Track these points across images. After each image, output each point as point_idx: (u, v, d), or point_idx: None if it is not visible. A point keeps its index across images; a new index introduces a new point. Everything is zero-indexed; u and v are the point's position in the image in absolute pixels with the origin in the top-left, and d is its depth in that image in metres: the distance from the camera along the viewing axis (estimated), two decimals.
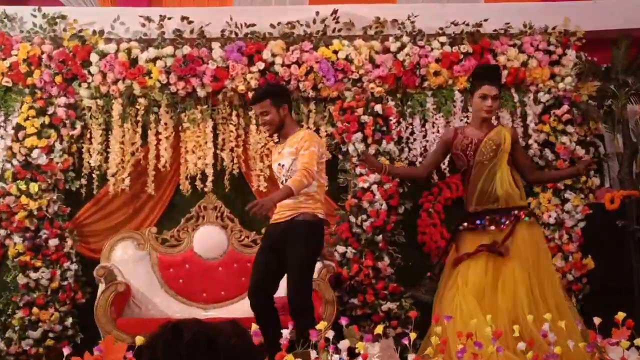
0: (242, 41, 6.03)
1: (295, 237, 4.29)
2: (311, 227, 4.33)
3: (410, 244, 6.10)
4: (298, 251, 4.27)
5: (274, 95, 4.47)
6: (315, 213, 4.35)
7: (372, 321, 5.75)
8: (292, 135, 4.43)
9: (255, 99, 4.55)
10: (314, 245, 4.40)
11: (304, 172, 4.22)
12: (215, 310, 5.88)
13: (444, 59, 6.11)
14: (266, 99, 4.42)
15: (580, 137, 6.14)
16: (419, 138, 6.11)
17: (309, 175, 4.22)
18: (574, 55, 6.22)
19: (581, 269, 5.93)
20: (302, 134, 4.41)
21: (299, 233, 4.29)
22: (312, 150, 4.29)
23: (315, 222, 4.35)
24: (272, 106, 4.40)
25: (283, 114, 4.42)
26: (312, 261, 4.39)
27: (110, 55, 5.92)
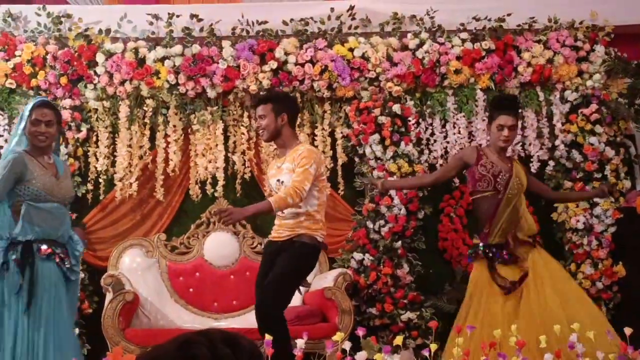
0: (254, 39, 6.06)
1: (286, 253, 4.37)
2: (306, 248, 4.39)
3: (431, 251, 6.12)
4: (283, 265, 4.34)
5: (275, 101, 4.50)
6: (314, 236, 4.39)
7: (391, 332, 5.77)
8: (292, 150, 4.45)
9: (258, 101, 4.61)
10: (302, 265, 4.45)
11: (291, 190, 4.23)
12: (227, 320, 5.92)
13: (465, 56, 6.11)
14: (267, 103, 4.47)
15: (610, 137, 6.13)
16: (439, 139, 6.12)
17: (296, 195, 4.23)
18: (602, 51, 6.20)
19: (611, 277, 5.92)
20: (302, 151, 4.41)
21: (291, 250, 4.36)
22: (306, 169, 4.29)
23: (311, 244, 4.41)
24: (272, 112, 4.43)
25: (280, 123, 4.44)
26: (293, 278, 4.41)
27: (117, 55, 5.95)
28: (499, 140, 4.65)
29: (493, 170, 4.62)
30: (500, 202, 4.57)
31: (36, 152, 4.10)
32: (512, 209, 4.58)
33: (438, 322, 4.34)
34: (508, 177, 4.61)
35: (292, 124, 4.53)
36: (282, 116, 4.44)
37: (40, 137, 4.06)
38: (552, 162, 6.14)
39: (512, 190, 4.59)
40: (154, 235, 6.02)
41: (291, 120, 4.51)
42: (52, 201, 4.06)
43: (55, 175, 4.11)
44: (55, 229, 4.07)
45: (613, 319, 5.74)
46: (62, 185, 4.13)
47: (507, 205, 4.57)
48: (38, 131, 4.05)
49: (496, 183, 4.60)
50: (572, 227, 6.02)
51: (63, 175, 4.17)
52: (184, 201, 6.18)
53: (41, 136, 4.06)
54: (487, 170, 4.63)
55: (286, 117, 4.45)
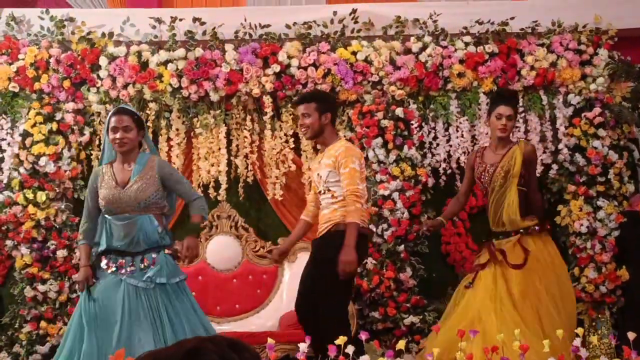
0: (257, 43, 6.10)
1: (329, 248, 4.47)
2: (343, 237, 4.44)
3: (434, 254, 6.18)
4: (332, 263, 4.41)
5: (320, 100, 4.68)
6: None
7: (394, 336, 5.84)
8: (331, 145, 4.61)
9: (301, 99, 4.76)
10: None
11: (352, 197, 4.42)
12: (230, 324, 5.99)
13: (469, 59, 6.15)
14: (313, 101, 4.64)
15: (613, 141, 6.17)
16: (442, 143, 6.18)
17: (358, 198, 4.42)
18: (606, 54, 6.23)
19: (615, 281, 5.99)
20: (340, 147, 4.56)
21: (333, 244, 4.45)
22: (352, 168, 4.46)
23: None
24: (316, 111, 4.60)
25: (324, 122, 4.62)
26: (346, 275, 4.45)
27: (120, 58, 6.00)
28: (497, 129, 4.93)
29: (477, 172, 5.04)
30: (487, 196, 4.99)
31: (121, 160, 4.24)
32: (497, 199, 4.91)
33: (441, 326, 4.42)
34: (493, 170, 4.93)
35: (333, 123, 4.75)
36: (325, 115, 4.63)
37: (119, 143, 4.18)
38: (555, 165, 6.19)
39: (495, 182, 4.92)
40: None
41: (333, 119, 4.73)
42: (117, 213, 4.16)
43: (123, 185, 4.18)
44: (120, 240, 4.15)
45: (616, 323, 5.90)
46: (127, 193, 4.16)
47: (491, 196, 4.95)
48: (116, 138, 4.18)
49: (482, 183, 5.01)
50: (575, 231, 6.07)
51: (135, 180, 4.17)
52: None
53: (119, 142, 4.17)
54: (475, 173, 5.06)
55: (330, 116, 4.65)
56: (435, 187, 6.22)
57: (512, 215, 4.90)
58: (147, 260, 4.15)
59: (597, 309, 6.03)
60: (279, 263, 4.82)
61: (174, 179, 4.30)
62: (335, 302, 4.45)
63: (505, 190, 4.89)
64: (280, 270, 6.23)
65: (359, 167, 4.51)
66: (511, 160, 4.89)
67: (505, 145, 5.00)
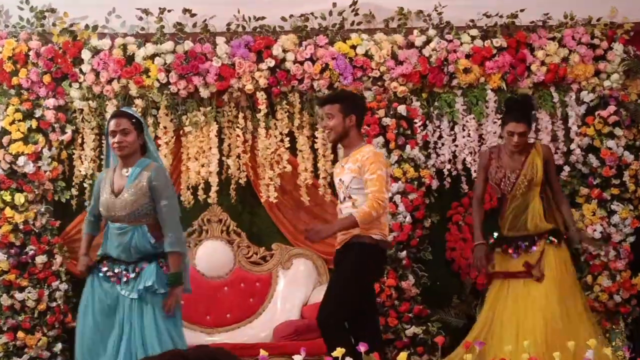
0: (250, 36, 6.07)
1: (345, 259, 4.52)
2: (363, 249, 4.48)
3: (438, 261, 6.14)
4: (341, 273, 4.53)
5: (345, 101, 4.65)
6: (370, 235, 4.47)
7: (395, 347, 5.77)
8: (356, 150, 4.58)
9: (325, 100, 4.78)
10: (361, 269, 4.50)
11: (373, 203, 4.38)
12: (221, 335, 5.96)
13: (475, 54, 6.13)
14: (337, 102, 4.61)
15: (629, 141, 6.12)
16: (448, 143, 6.14)
17: (379, 207, 4.38)
18: (621, 49, 6.19)
19: (630, 289, 5.93)
20: (367, 152, 4.52)
21: (349, 255, 4.50)
22: (379, 175, 4.44)
23: (368, 244, 4.48)
24: (340, 112, 4.57)
25: (349, 124, 4.58)
26: (352, 286, 4.49)
27: (104, 52, 5.96)
28: (510, 145, 5.00)
29: (496, 177, 5.03)
30: (507, 202, 5.02)
31: (121, 164, 4.30)
32: (517, 205, 4.99)
33: (445, 338, 4.35)
34: (515, 178, 4.98)
35: (359, 126, 4.68)
36: (350, 117, 4.58)
37: (117, 147, 4.24)
38: (567, 167, 6.14)
39: (518, 190, 4.98)
40: None
41: (359, 121, 4.67)
42: (113, 220, 4.26)
43: (118, 192, 4.24)
44: (114, 249, 4.26)
45: (632, 334, 5.89)
46: (119, 201, 4.22)
47: (512, 203, 5.00)
48: (114, 142, 4.24)
49: (501, 190, 5.03)
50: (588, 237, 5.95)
51: (127, 189, 4.22)
52: None
53: (117, 146, 4.24)
54: (492, 177, 5.06)
55: (355, 119, 4.60)
56: (440, 190, 6.16)
57: (538, 221, 4.99)
58: (138, 268, 4.23)
59: (611, 319, 5.98)
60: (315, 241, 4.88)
61: (158, 196, 4.21)
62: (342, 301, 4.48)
63: (527, 198, 4.98)
64: (274, 277, 6.21)
65: (385, 174, 4.50)
66: (533, 168, 4.97)
67: (521, 151, 5.03)
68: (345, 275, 4.50)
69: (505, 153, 5.07)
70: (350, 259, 4.48)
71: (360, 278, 4.51)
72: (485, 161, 5.14)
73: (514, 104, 5.27)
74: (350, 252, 4.49)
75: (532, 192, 4.97)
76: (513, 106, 5.16)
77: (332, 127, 4.60)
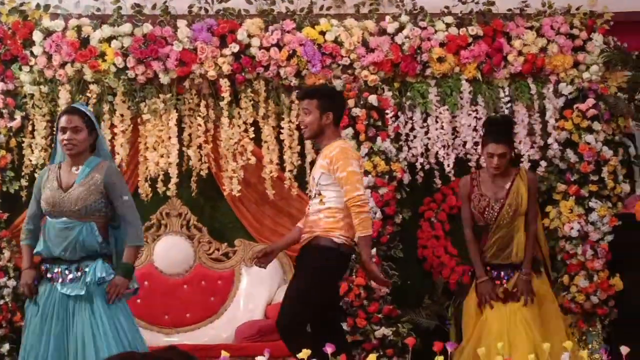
0: (213, 19, 6.04)
1: (304, 262, 4.54)
2: (323, 252, 4.47)
3: (409, 260, 6.13)
4: (301, 275, 4.55)
5: (323, 97, 4.63)
6: (331, 237, 4.46)
7: (364, 349, 5.76)
8: (328, 146, 4.56)
9: (303, 94, 4.77)
10: (323, 272, 4.51)
11: (355, 208, 4.38)
12: (180, 335, 5.97)
13: (450, 42, 6.13)
14: (314, 98, 4.60)
15: (608, 136, 6.15)
16: (420, 135, 6.13)
17: (359, 207, 4.38)
18: (601, 40, 6.22)
19: (608, 290, 5.94)
20: (334, 148, 4.50)
21: (308, 259, 4.52)
22: (349, 172, 4.42)
23: (329, 248, 4.46)
24: (317, 109, 4.57)
25: (325, 122, 4.57)
26: (309, 291, 4.48)
27: (57, 33, 5.90)
28: (490, 167, 4.99)
29: (479, 206, 4.99)
30: (490, 232, 5.00)
31: (69, 162, 4.29)
32: (502, 236, 4.98)
33: (416, 339, 4.30)
34: (499, 208, 4.95)
35: (336, 124, 4.68)
36: (327, 114, 4.57)
37: (67, 145, 4.23)
38: (544, 162, 6.16)
39: (502, 220, 4.96)
40: None
41: (337, 119, 4.67)
42: (57, 216, 4.21)
43: (66, 188, 4.22)
44: (57, 246, 4.20)
45: (609, 337, 5.98)
46: (68, 197, 4.20)
47: (496, 233, 4.98)
48: (64, 139, 4.23)
49: (484, 219, 4.99)
50: (565, 235, 6.03)
51: (78, 185, 4.22)
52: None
53: (67, 144, 4.23)
54: (475, 206, 5.01)
55: (332, 117, 4.59)
56: (412, 184, 6.15)
57: (521, 252, 5.00)
58: (82, 268, 4.20)
59: (587, 321, 6.00)
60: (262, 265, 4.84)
61: (117, 192, 4.28)
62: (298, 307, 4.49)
63: (513, 228, 4.98)
64: (237, 275, 6.23)
65: (357, 168, 4.50)
66: (518, 197, 4.97)
67: (505, 175, 5.02)
68: (305, 280, 4.50)
69: (488, 178, 5.04)
70: (309, 263, 4.50)
71: (319, 283, 4.50)
72: (467, 190, 5.09)
73: (493, 124, 5.30)
74: (310, 255, 4.51)
75: (516, 222, 4.96)
76: (492, 126, 5.18)
77: (307, 124, 4.60)
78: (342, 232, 4.47)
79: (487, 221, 4.98)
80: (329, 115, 4.56)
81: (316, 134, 4.62)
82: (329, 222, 4.46)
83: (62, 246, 4.17)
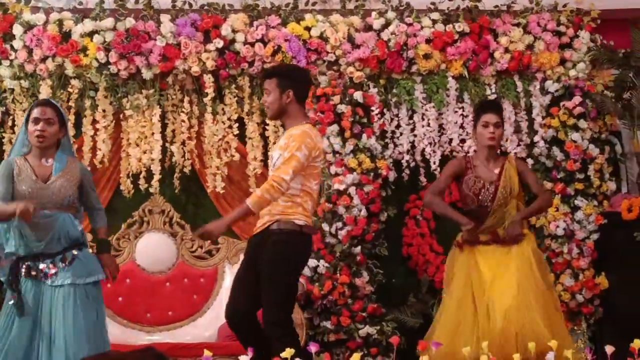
0: (197, 14, 6.04)
1: (267, 250, 4.36)
2: (287, 236, 4.36)
3: (394, 258, 6.15)
4: (269, 266, 4.34)
5: (282, 76, 4.52)
6: (293, 220, 4.36)
7: (348, 348, 5.77)
8: (292, 127, 4.47)
9: (264, 74, 4.71)
10: (289, 258, 4.40)
11: (270, 185, 4.25)
12: (162, 334, 5.93)
13: (436, 39, 6.15)
14: (273, 77, 4.51)
15: (594, 133, 6.20)
16: (406, 132, 6.15)
17: (274, 190, 4.25)
18: (587, 37, 6.28)
19: (593, 289, 5.99)
20: (296, 130, 4.41)
21: (270, 245, 4.36)
22: (293, 155, 4.30)
23: (292, 230, 4.37)
24: (277, 87, 4.46)
25: (286, 100, 4.45)
26: (287, 277, 4.40)
27: (38, 27, 5.89)
28: (485, 138, 4.93)
29: (474, 188, 4.94)
30: (486, 214, 4.92)
31: (37, 154, 4.27)
32: (498, 215, 4.92)
33: (400, 338, 4.33)
34: (494, 190, 4.92)
35: (300, 101, 4.54)
36: (287, 92, 4.46)
37: (39, 137, 4.22)
38: (530, 160, 6.19)
39: (498, 202, 4.92)
40: None
41: (299, 97, 4.53)
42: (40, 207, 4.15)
43: (46, 179, 4.22)
44: (39, 241, 4.17)
45: (594, 336, 6.00)
46: (50, 188, 4.20)
47: (492, 215, 4.93)
48: (37, 129, 4.22)
49: (479, 201, 4.94)
50: (551, 233, 6.07)
51: (57, 177, 4.24)
52: (113, 197, 6.16)
53: (39, 135, 4.22)
54: (469, 188, 4.95)
55: (292, 94, 4.47)
56: (397, 182, 6.17)
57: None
58: (68, 258, 4.20)
59: (573, 319, 6.02)
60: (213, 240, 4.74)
61: (91, 185, 4.45)
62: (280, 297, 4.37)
63: (505, 211, 4.93)
64: (220, 273, 6.18)
65: (303, 157, 4.31)
66: (509, 180, 4.95)
67: (496, 160, 5.00)
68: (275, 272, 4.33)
69: (480, 161, 4.99)
70: (271, 251, 4.33)
71: (288, 271, 4.39)
72: (459, 169, 5.03)
73: (485, 101, 5.41)
74: (270, 242, 4.34)
75: (509, 205, 4.93)
76: (485, 102, 5.30)
77: (269, 104, 4.51)
78: (301, 214, 4.36)
79: (481, 203, 4.92)
80: (289, 93, 4.45)
81: (279, 113, 4.52)
82: (287, 206, 4.35)
83: (45, 239, 4.15)
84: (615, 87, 6.25)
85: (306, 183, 4.38)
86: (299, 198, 4.37)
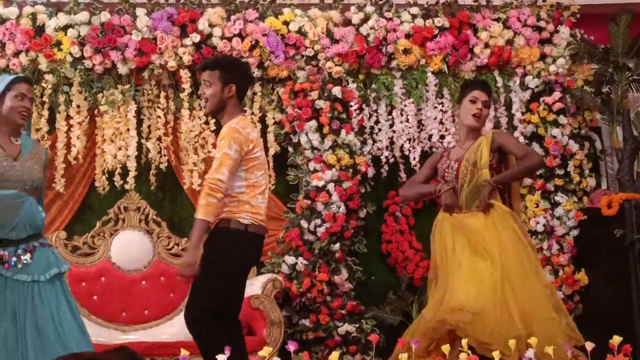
0: (174, 8, 6.04)
1: (206, 248, 4.32)
2: (228, 236, 4.30)
3: (373, 255, 6.18)
4: (203, 263, 4.25)
5: (226, 68, 4.43)
6: (237, 219, 4.29)
7: (327, 346, 5.82)
8: (228, 123, 4.39)
9: (204, 65, 4.54)
10: (226, 258, 4.31)
11: (209, 188, 4.19)
12: (138, 333, 5.91)
13: (416, 34, 6.17)
14: (216, 69, 4.40)
15: (574, 129, 6.26)
16: (385, 128, 6.17)
17: (215, 190, 4.19)
18: (567, 32, 6.33)
19: (573, 285, 6.04)
20: (226, 127, 4.34)
21: (210, 243, 4.32)
22: (223, 153, 4.24)
23: (236, 230, 4.30)
24: (220, 80, 4.37)
25: (227, 95, 4.38)
26: (219, 278, 4.27)
27: (11, 21, 5.89)
28: (469, 115, 4.82)
29: (441, 169, 4.90)
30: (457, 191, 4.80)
31: (7, 132, 4.16)
32: (470, 189, 4.76)
33: (380, 336, 4.38)
34: (457, 167, 4.81)
35: (240, 97, 4.48)
36: (230, 87, 4.38)
37: (24, 113, 4.16)
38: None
39: (463, 178, 4.78)
40: (52, 234, 5.90)
41: (240, 92, 4.46)
42: (7, 187, 4.03)
43: (15, 157, 4.12)
44: (4, 224, 3.98)
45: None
46: (21, 167, 4.10)
47: (462, 192, 4.79)
48: (23, 106, 4.16)
49: (447, 182, 4.84)
50: (530, 230, 6.09)
51: (27, 157, 4.16)
52: (88, 194, 6.16)
53: (26, 112, 4.17)
54: (440, 172, 4.91)
55: (234, 89, 4.39)
56: (376, 178, 6.20)
57: None
58: (29, 248, 4.07)
59: None
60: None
61: (46, 172, 4.37)
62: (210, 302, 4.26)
63: (477, 184, 4.73)
64: None
65: (234, 153, 4.24)
66: (476, 150, 4.77)
67: (474, 138, 4.86)
68: (212, 265, 4.25)
69: (457, 145, 4.96)
70: (214, 248, 4.29)
71: (221, 272, 4.28)
72: (435, 159, 5.03)
73: (477, 78, 5.32)
74: (212, 241, 4.31)
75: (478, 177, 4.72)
76: (477, 79, 5.24)
77: (208, 97, 4.39)
78: (247, 212, 4.29)
79: (449, 183, 4.79)
80: (231, 87, 4.37)
81: (217, 108, 4.41)
82: (233, 206, 4.28)
83: (12, 222, 3.98)
84: (595, 82, 6.30)
85: (250, 177, 4.32)
86: (245, 195, 4.31)
